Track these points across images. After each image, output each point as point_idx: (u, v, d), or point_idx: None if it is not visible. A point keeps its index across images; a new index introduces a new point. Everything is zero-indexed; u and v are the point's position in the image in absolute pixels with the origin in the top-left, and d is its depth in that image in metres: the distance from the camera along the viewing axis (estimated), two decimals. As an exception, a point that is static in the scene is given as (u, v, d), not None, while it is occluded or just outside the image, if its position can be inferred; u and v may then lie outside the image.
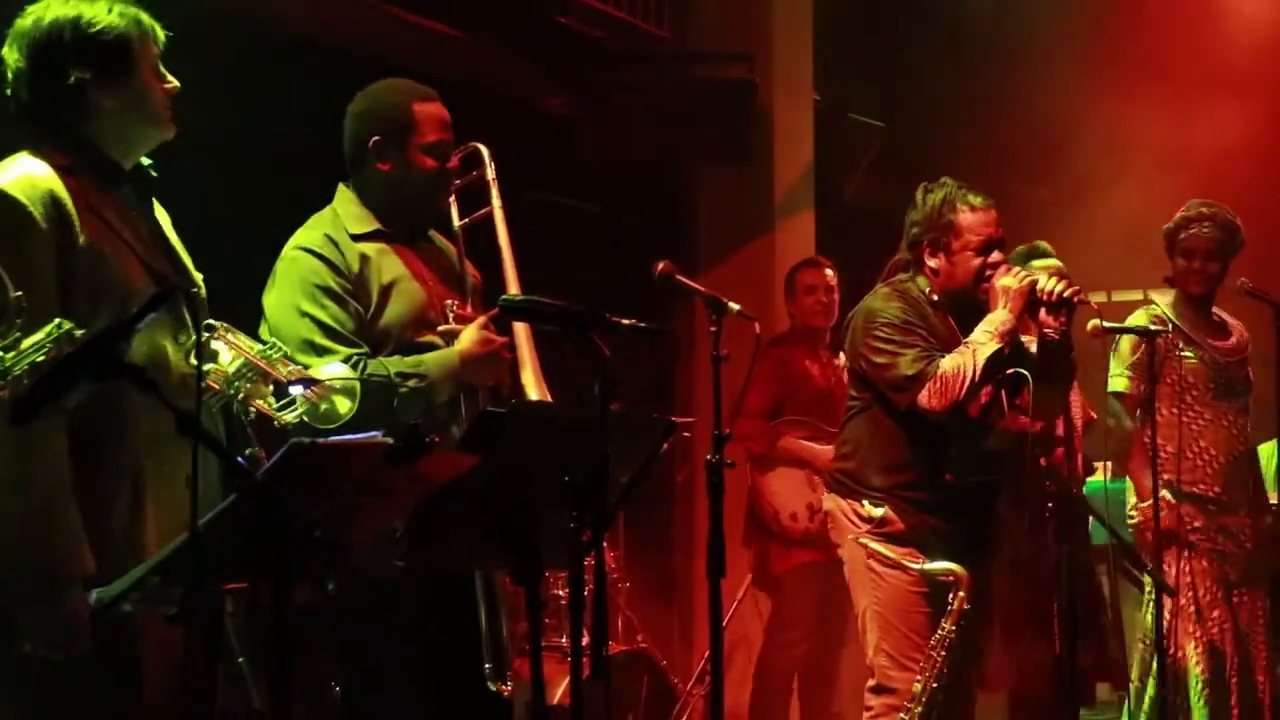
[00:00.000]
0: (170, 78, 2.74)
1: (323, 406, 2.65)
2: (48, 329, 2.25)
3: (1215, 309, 4.83)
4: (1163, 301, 4.77)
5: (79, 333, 2.27)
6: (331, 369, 2.75)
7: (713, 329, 3.33)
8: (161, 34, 2.73)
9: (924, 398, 3.82)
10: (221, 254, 2.99)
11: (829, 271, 5.70)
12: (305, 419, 2.64)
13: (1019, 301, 3.81)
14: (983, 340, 3.81)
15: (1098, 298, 6.05)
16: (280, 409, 2.63)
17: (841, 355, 4.92)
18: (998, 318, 3.82)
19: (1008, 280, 3.84)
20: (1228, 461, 4.68)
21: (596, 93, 6.43)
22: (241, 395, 2.62)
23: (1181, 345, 4.68)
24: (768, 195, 6.66)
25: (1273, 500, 4.91)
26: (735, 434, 5.61)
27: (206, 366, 2.55)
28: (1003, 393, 3.98)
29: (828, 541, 5.38)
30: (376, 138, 3.28)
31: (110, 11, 2.66)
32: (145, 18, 2.71)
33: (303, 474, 2.27)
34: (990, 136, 7.21)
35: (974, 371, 3.78)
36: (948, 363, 3.82)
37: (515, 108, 6.12)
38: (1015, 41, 7.18)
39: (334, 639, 3.17)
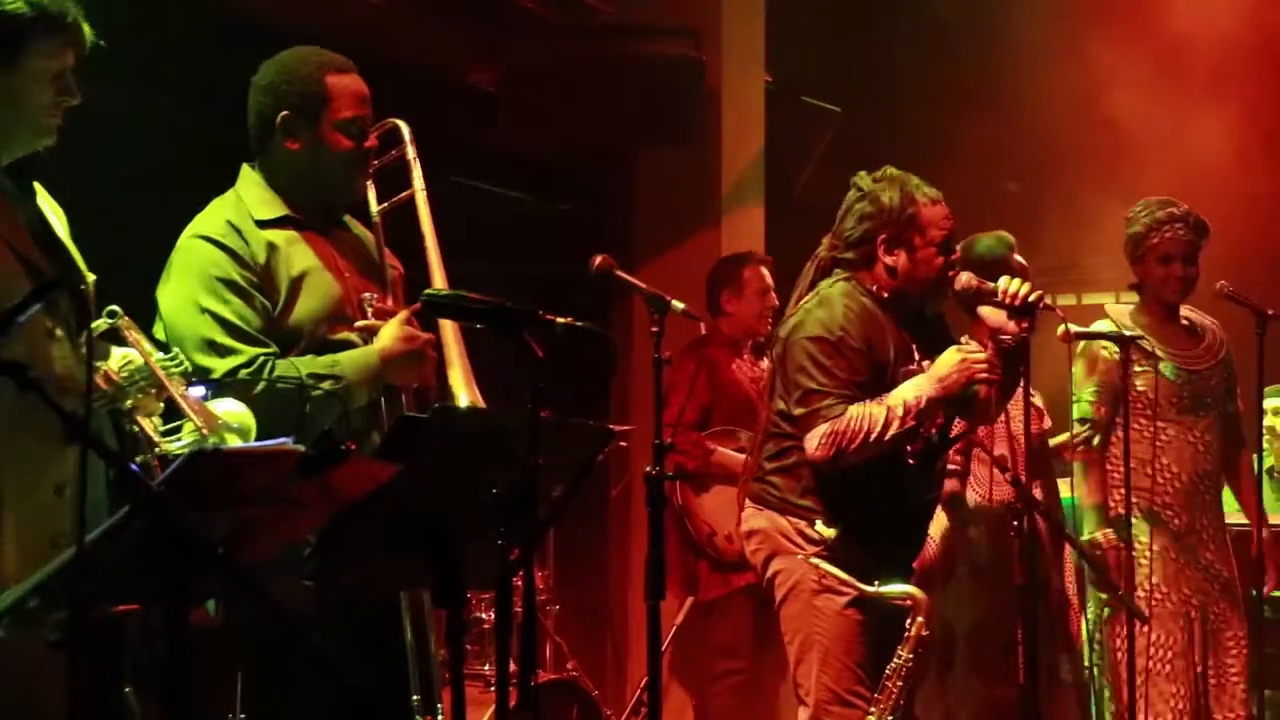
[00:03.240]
0: (75, 92, 2.67)
1: (211, 440, 2.61)
2: None
3: (1185, 312, 4.82)
4: (1116, 314, 4.75)
5: None
6: (228, 405, 2.71)
7: (654, 329, 3.35)
8: (89, 40, 2.66)
9: (810, 441, 3.73)
10: (99, 245, 2.93)
11: (764, 270, 5.76)
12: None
13: (961, 379, 3.74)
14: (901, 407, 3.71)
15: (1067, 301, 6.11)
16: (165, 434, 2.60)
17: (765, 360, 4.92)
18: (929, 385, 3.73)
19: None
20: (1191, 480, 4.69)
21: (526, 68, 6.41)
22: (129, 405, 2.58)
23: (1138, 358, 4.65)
24: (714, 184, 6.68)
25: (1240, 519, 4.95)
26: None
27: (95, 362, 2.52)
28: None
29: None
30: (285, 113, 3.23)
31: None
32: (71, 16, 2.64)
33: (205, 484, 2.25)
34: (955, 123, 7.29)
35: (877, 436, 3.69)
36: (855, 410, 3.71)
37: (435, 82, 6.10)
38: (982, 21, 7.26)
39: (239, 670, 3.13)
